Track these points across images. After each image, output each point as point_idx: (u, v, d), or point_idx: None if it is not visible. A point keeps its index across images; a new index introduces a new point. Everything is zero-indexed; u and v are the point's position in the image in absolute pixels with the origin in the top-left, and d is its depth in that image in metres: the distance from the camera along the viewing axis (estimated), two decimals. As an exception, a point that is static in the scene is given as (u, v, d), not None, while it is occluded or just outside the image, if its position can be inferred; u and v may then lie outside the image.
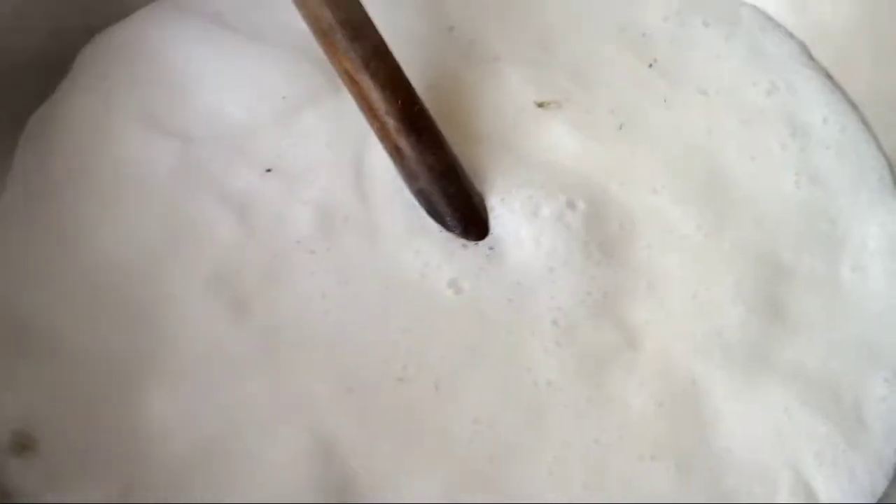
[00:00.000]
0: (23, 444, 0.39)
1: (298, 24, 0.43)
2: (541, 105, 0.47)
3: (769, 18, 0.50)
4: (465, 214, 0.43)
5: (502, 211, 0.44)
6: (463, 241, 0.43)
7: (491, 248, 0.43)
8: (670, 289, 0.43)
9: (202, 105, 0.47)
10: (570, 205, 0.44)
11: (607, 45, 0.49)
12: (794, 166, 0.46)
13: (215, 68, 0.48)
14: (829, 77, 0.48)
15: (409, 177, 0.44)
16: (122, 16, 0.50)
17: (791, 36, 0.49)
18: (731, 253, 0.43)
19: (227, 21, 0.49)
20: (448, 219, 0.43)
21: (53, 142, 0.46)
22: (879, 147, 0.46)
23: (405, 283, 0.42)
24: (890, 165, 0.46)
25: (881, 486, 0.39)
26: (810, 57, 0.49)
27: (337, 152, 0.46)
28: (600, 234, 0.44)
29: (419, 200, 0.44)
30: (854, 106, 0.47)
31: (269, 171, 0.45)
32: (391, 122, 0.42)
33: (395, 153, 0.43)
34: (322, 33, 0.42)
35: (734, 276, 0.43)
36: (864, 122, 0.47)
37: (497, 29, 0.50)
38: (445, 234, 0.43)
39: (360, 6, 0.42)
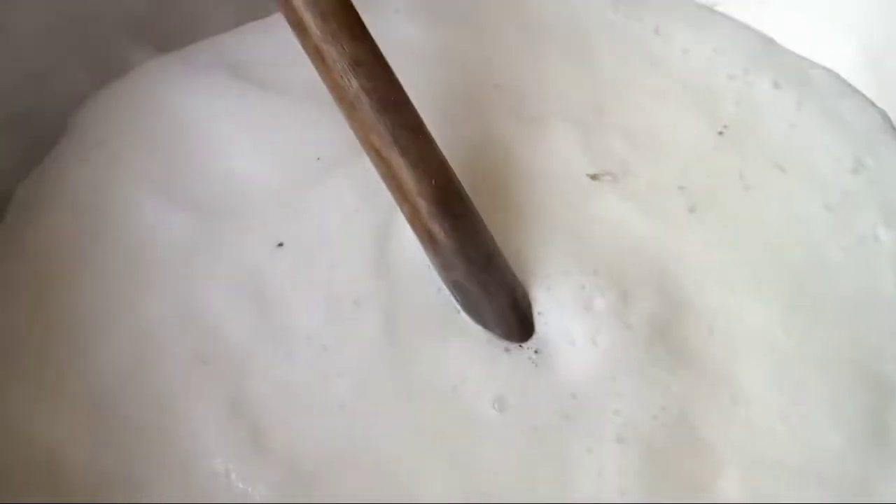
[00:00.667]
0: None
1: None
2: (594, 178, 0.41)
3: (845, 82, 0.43)
4: (508, 312, 0.37)
5: (549, 304, 0.37)
6: (505, 343, 0.37)
7: (537, 352, 0.37)
8: (757, 406, 0.36)
9: (218, 170, 0.41)
10: (631, 297, 0.37)
11: (669, 104, 0.43)
12: (891, 261, 0.39)
13: (232, 128, 0.42)
14: None
15: (444, 267, 0.37)
16: (121, 72, 0.44)
17: (871, 103, 0.43)
18: (826, 365, 0.37)
19: (247, 75, 0.44)
20: (487, 316, 0.37)
21: (43, 220, 0.40)
22: None
23: (436, 395, 0.36)
24: None
25: None
26: (894, 127, 0.42)
27: (358, 227, 0.40)
28: (668, 335, 0.37)
29: (454, 293, 0.37)
30: None
31: (280, 245, 0.40)
32: (424, 205, 0.35)
33: (428, 239, 0.36)
34: (347, 103, 0.36)
35: (830, 393, 0.36)
36: None
37: (545, 86, 0.43)
38: (484, 335, 0.37)
39: (391, 73, 0.36)
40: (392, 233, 0.39)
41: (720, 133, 0.42)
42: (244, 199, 0.41)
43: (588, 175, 0.41)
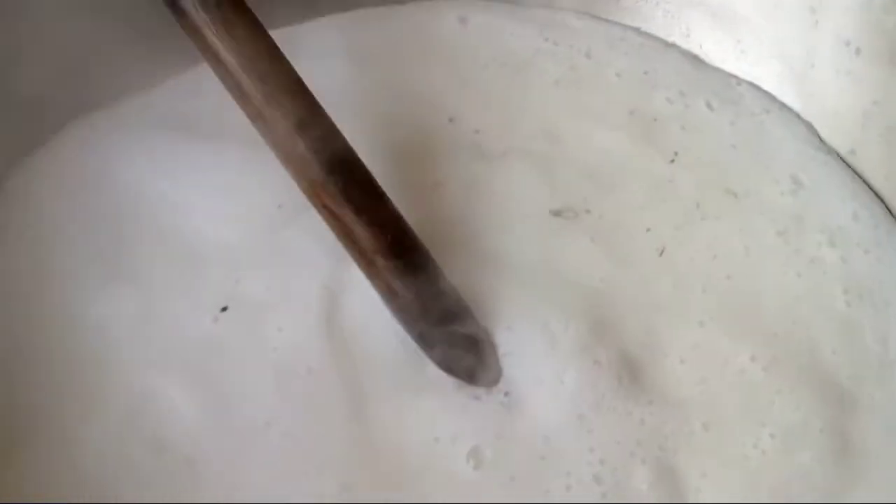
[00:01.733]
0: None
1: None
2: (557, 214, 0.40)
3: (771, 97, 0.44)
4: (474, 358, 0.36)
5: (512, 345, 0.36)
6: (473, 390, 0.36)
7: (506, 395, 0.36)
8: (729, 432, 0.36)
9: (166, 233, 0.39)
10: (598, 333, 0.37)
11: (619, 132, 0.42)
12: (840, 281, 0.39)
13: (180, 185, 0.40)
14: (843, 162, 0.42)
15: (407, 320, 0.36)
16: (47, 134, 0.41)
17: (798, 116, 0.43)
18: (791, 386, 0.37)
19: (186, 127, 0.42)
20: (455, 364, 0.36)
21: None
22: None
23: (412, 458, 0.34)
24: None
25: None
26: (821, 140, 0.43)
27: (307, 282, 0.38)
28: (639, 369, 0.37)
29: (421, 345, 0.36)
30: (876, 193, 0.41)
31: (224, 309, 0.38)
32: (381, 262, 0.34)
33: (388, 294, 0.35)
34: (294, 165, 0.34)
35: (797, 412, 0.36)
36: (890, 212, 0.41)
37: (499, 120, 0.43)
38: (453, 384, 0.36)
39: (336, 130, 0.35)
40: (344, 287, 0.38)
41: (672, 161, 0.42)
42: (191, 261, 0.39)
43: (551, 211, 0.40)
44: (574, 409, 0.36)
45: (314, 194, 0.35)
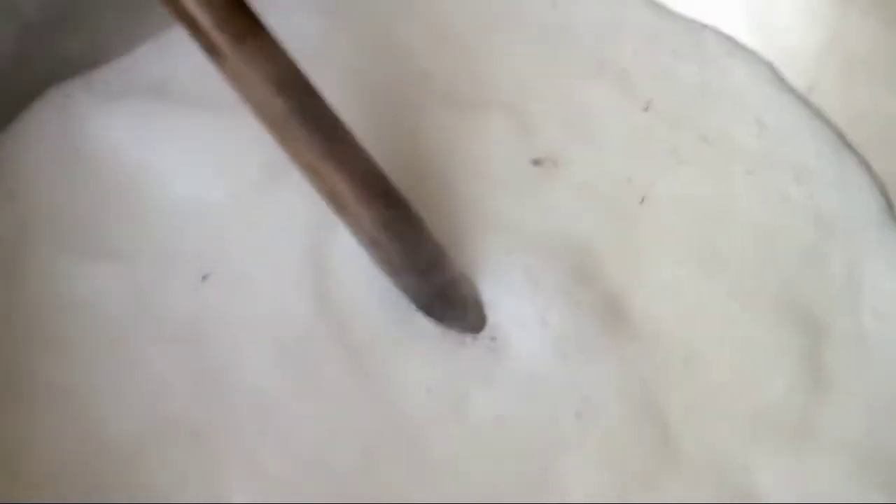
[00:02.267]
0: None
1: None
2: (537, 163, 0.41)
3: (733, 41, 0.45)
4: (460, 305, 0.37)
5: (495, 291, 0.37)
6: (461, 337, 0.37)
7: (493, 339, 0.37)
8: (708, 363, 0.37)
9: (149, 203, 0.39)
10: (580, 276, 0.38)
11: (592, 84, 0.43)
12: (809, 215, 0.41)
13: (161, 152, 0.39)
14: (804, 101, 0.43)
15: (393, 271, 0.36)
16: (23, 105, 0.40)
17: (759, 57, 0.44)
18: (767, 317, 0.38)
19: (165, 93, 0.41)
20: (442, 312, 0.37)
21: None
22: (871, 171, 0.42)
23: (410, 408, 0.35)
24: (884, 190, 0.42)
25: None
26: (782, 79, 0.44)
27: (289, 245, 0.38)
28: (620, 309, 0.38)
29: (407, 295, 0.37)
30: (837, 129, 0.43)
31: (205, 278, 0.37)
32: (364, 213, 0.35)
33: (373, 246, 0.36)
34: (275, 125, 0.34)
35: (773, 342, 0.38)
36: (850, 146, 0.42)
37: (473, 72, 0.43)
38: (441, 333, 0.37)
39: (313, 87, 0.36)
40: (329, 246, 0.38)
41: (645, 110, 0.43)
42: (172, 230, 0.38)
43: (531, 160, 0.41)
44: (558, 349, 0.36)
45: (294, 152, 0.35)
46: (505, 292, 0.37)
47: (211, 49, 0.34)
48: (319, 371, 0.36)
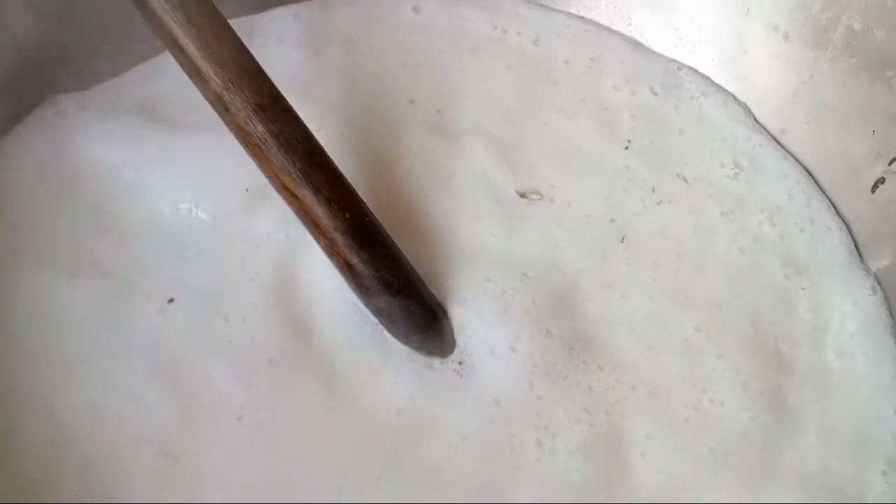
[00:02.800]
0: None
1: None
2: (523, 195, 0.41)
3: (710, 81, 0.46)
4: (430, 330, 0.37)
5: (469, 316, 0.38)
6: (429, 361, 0.37)
7: (460, 363, 0.37)
8: (673, 398, 0.38)
9: (132, 221, 0.39)
10: (552, 305, 0.38)
11: (574, 119, 0.44)
12: (779, 256, 0.41)
13: (148, 172, 0.40)
14: (777, 142, 0.44)
15: (365, 295, 0.37)
16: (14, 119, 0.41)
17: (734, 98, 0.45)
18: (733, 353, 0.39)
19: (154, 115, 0.42)
20: (412, 336, 0.37)
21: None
22: (839, 214, 0.43)
23: (379, 426, 0.36)
24: (850, 231, 0.42)
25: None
26: (756, 120, 0.45)
27: (261, 268, 0.38)
28: (590, 340, 0.38)
29: (378, 318, 0.37)
30: (807, 171, 0.43)
31: (171, 301, 0.37)
32: (340, 238, 0.35)
33: (347, 270, 0.36)
34: (254, 148, 0.34)
35: (737, 377, 0.38)
36: (820, 187, 0.43)
37: (459, 102, 0.44)
38: (409, 356, 0.37)
39: (294, 113, 0.36)
40: (301, 269, 0.38)
41: (626, 148, 0.44)
42: (149, 250, 0.39)
43: (516, 191, 0.42)
44: (524, 376, 0.37)
45: (273, 176, 0.35)
46: (476, 317, 0.38)
47: (195, 73, 0.35)
48: (293, 394, 0.36)
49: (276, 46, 0.44)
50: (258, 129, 0.35)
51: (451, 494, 0.35)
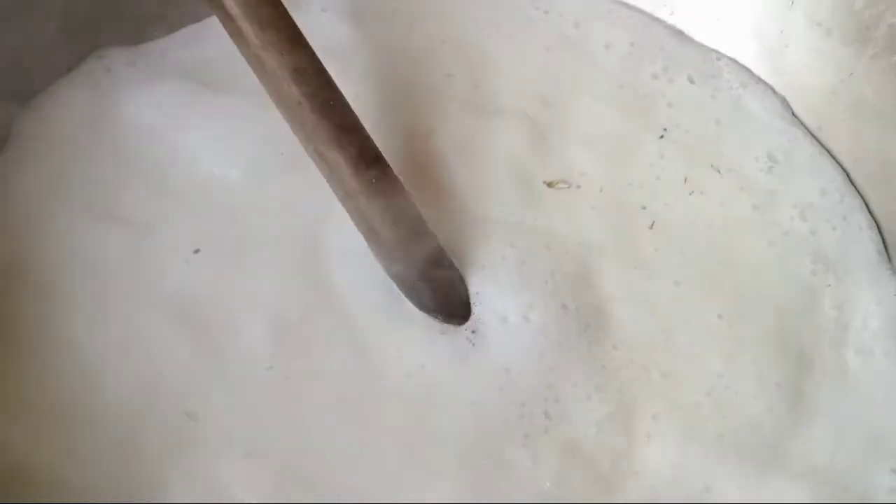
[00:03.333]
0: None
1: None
2: (550, 185, 0.41)
3: (749, 72, 0.45)
4: (447, 298, 0.37)
5: (486, 283, 0.38)
6: (443, 326, 0.37)
7: (474, 332, 0.37)
8: (687, 383, 0.37)
9: (169, 175, 0.40)
10: (572, 280, 0.38)
11: (610, 105, 0.43)
12: (809, 252, 0.41)
13: (187, 130, 0.40)
14: (814, 137, 0.44)
15: (386, 259, 0.37)
16: (62, 73, 0.42)
17: (773, 91, 0.44)
18: (755, 345, 0.38)
19: (196, 77, 0.42)
20: (429, 302, 0.37)
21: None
22: (871, 212, 0.42)
23: (393, 387, 0.36)
24: (881, 230, 0.42)
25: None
26: (793, 114, 0.44)
27: (292, 227, 0.39)
28: (606, 317, 0.38)
29: (396, 283, 0.37)
30: (842, 168, 0.43)
31: (196, 252, 0.38)
32: (364, 201, 0.36)
33: (371, 235, 0.37)
34: (288, 108, 0.35)
35: (755, 366, 0.38)
36: (853, 185, 0.42)
37: (496, 80, 0.44)
38: (425, 321, 0.37)
39: (329, 78, 0.35)
40: (328, 232, 0.39)
41: (661, 137, 0.43)
42: (180, 204, 0.39)
43: (545, 182, 0.41)
44: (536, 346, 0.37)
45: (305, 138, 0.36)
46: (492, 285, 0.38)
47: (236, 34, 0.36)
48: (317, 351, 0.37)
49: (318, 15, 0.45)
50: (293, 90, 0.35)
51: (455, 457, 0.35)
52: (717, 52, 0.46)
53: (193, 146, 0.41)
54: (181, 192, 0.40)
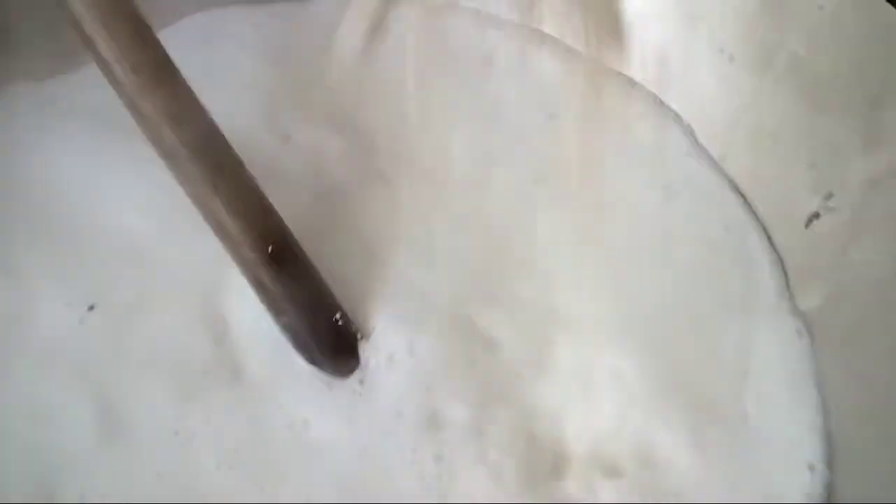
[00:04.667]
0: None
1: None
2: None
3: (658, 99, 0.43)
4: (336, 348, 0.36)
5: (374, 323, 0.37)
6: (331, 379, 0.36)
7: (361, 382, 0.36)
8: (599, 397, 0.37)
9: (69, 225, 0.38)
10: (459, 313, 0.37)
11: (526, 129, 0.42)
12: (713, 292, 0.39)
13: (96, 176, 0.39)
14: (718, 169, 0.42)
15: (275, 311, 0.36)
16: None
17: (680, 120, 0.43)
18: (666, 389, 0.37)
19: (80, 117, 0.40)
20: (316, 355, 0.36)
21: None
22: (774, 247, 0.40)
23: (278, 440, 0.35)
24: (783, 266, 0.40)
25: None
26: (699, 145, 0.42)
27: (192, 280, 0.38)
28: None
29: (286, 335, 0.36)
30: (743, 198, 0.41)
31: (91, 308, 0.37)
32: (250, 254, 0.34)
33: (258, 286, 0.35)
34: (167, 156, 0.33)
35: (662, 418, 0.36)
36: (754, 214, 0.41)
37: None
38: (314, 376, 0.36)
39: (208, 121, 0.34)
40: (228, 284, 0.38)
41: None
42: (75, 255, 0.38)
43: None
44: (422, 381, 0.36)
45: (187, 188, 0.34)
46: (381, 328, 0.37)
47: (111, 78, 0.34)
48: (216, 406, 0.36)
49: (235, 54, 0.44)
50: (169, 137, 0.34)
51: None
52: (628, 77, 0.45)
53: (99, 194, 0.40)
54: (82, 245, 0.39)
